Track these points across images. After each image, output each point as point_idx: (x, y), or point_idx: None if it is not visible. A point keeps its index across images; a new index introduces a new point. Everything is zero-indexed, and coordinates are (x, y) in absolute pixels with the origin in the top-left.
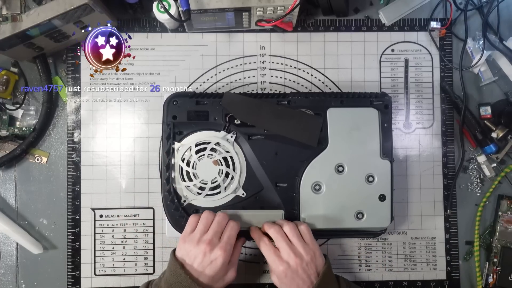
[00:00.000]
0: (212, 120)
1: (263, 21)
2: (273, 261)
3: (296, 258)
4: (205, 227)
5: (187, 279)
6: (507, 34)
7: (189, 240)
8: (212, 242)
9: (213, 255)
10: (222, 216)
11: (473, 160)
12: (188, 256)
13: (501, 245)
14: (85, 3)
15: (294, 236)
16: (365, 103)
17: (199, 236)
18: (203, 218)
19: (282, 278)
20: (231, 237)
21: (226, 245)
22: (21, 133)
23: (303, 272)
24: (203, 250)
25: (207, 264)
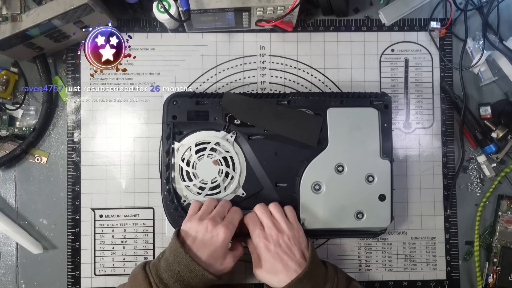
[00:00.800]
0: (212, 120)
1: (263, 21)
2: (256, 234)
3: (277, 232)
4: (209, 209)
5: (186, 257)
6: (507, 34)
7: (192, 219)
8: (215, 219)
9: (215, 231)
10: (226, 201)
11: (473, 160)
12: (189, 233)
13: (501, 245)
14: (85, 3)
15: (278, 213)
16: (365, 103)
17: (201, 214)
18: (207, 202)
19: (263, 253)
20: (234, 219)
21: (228, 223)
22: (21, 133)
23: (285, 246)
24: (205, 225)
25: (208, 239)
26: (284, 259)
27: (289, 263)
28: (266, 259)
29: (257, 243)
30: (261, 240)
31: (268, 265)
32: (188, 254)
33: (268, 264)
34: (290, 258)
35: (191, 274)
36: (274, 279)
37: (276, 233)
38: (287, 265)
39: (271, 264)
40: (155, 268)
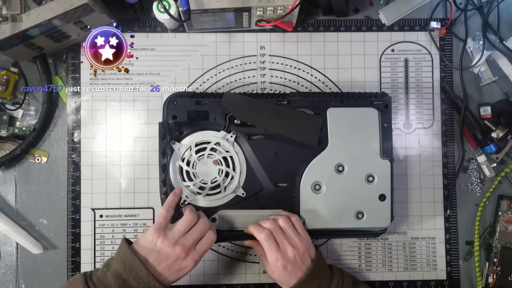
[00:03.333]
0: (212, 120)
1: (263, 21)
2: (274, 256)
3: (293, 250)
4: (185, 229)
5: (148, 276)
6: (507, 34)
7: (165, 237)
8: (189, 250)
9: (184, 263)
10: (204, 224)
11: (473, 160)
12: (158, 254)
13: (501, 245)
14: (85, 3)
15: (289, 228)
16: (365, 103)
17: (177, 237)
18: (186, 220)
19: (281, 271)
20: (206, 249)
21: (199, 256)
22: (21, 133)
23: (300, 262)
24: (177, 254)
25: (175, 270)
26: (297, 272)
27: (298, 272)
28: (281, 276)
29: (274, 264)
30: (279, 262)
31: (281, 278)
32: (150, 273)
33: (281, 277)
34: (301, 270)
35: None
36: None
37: (292, 251)
38: (296, 274)
39: (285, 277)
40: (101, 284)
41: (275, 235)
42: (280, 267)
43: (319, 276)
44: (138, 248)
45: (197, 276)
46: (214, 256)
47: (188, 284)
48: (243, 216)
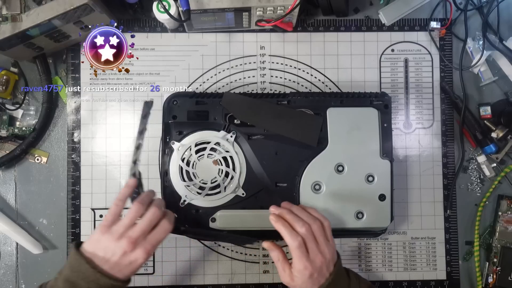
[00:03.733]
0: (212, 120)
1: (263, 21)
2: (304, 265)
3: (322, 258)
4: (132, 221)
5: (95, 274)
6: (507, 34)
7: (109, 234)
8: (136, 242)
9: (134, 256)
10: (153, 214)
11: (473, 160)
12: (104, 251)
13: (501, 245)
14: (85, 3)
15: (321, 236)
16: (365, 103)
17: (122, 230)
18: (131, 212)
19: (305, 280)
20: (159, 240)
21: (151, 247)
22: (21, 133)
23: (326, 270)
24: (123, 248)
25: (125, 264)
26: (320, 281)
27: (321, 280)
28: (305, 282)
29: (301, 271)
30: (307, 270)
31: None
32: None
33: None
34: (324, 278)
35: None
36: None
37: (321, 260)
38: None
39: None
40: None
41: (307, 242)
42: (307, 275)
43: (338, 283)
44: (85, 249)
45: (197, 276)
46: (214, 256)
47: (188, 284)
48: (243, 216)
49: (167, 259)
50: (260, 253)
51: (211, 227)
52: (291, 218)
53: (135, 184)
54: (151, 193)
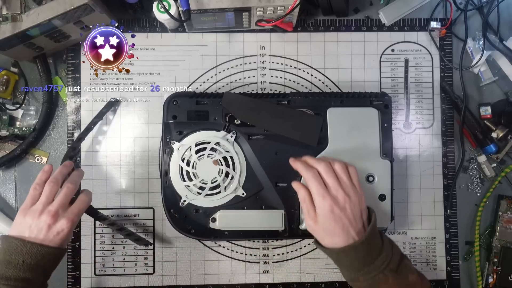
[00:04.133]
0: (212, 120)
1: (263, 21)
2: (321, 194)
3: (345, 196)
4: (49, 199)
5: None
6: (507, 34)
7: (29, 213)
8: (57, 213)
9: (59, 226)
10: (71, 187)
11: (473, 160)
12: (29, 230)
13: (501, 245)
14: (85, 3)
15: (344, 175)
16: (365, 103)
17: (41, 207)
18: (47, 190)
19: (327, 215)
20: (81, 210)
21: (74, 216)
22: (21, 133)
23: (350, 212)
24: (46, 221)
25: (54, 235)
26: (345, 224)
27: (349, 229)
28: (327, 220)
29: (320, 203)
30: (327, 201)
31: (327, 225)
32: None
33: (327, 224)
34: (352, 226)
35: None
36: (328, 239)
37: (343, 197)
38: (347, 231)
39: (331, 226)
40: None
41: (326, 176)
42: (327, 208)
43: (370, 243)
44: (11, 234)
45: (197, 276)
46: (214, 256)
47: (188, 284)
48: (243, 216)
49: (167, 259)
50: (260, 253)
51: (210, 227)
52: (311, 159)
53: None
54: (64, 168)
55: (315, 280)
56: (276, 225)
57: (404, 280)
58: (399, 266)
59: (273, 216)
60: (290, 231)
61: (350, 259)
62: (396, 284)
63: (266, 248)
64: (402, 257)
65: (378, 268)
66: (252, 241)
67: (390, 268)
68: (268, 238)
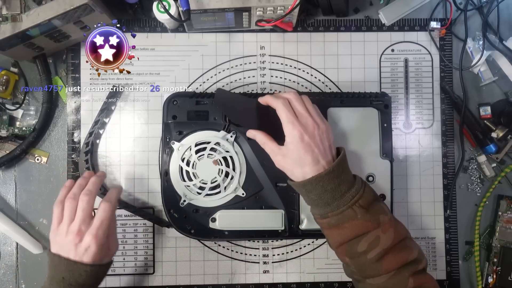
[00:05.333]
0: (212, 120)
1: (263, 21)
2: (291, 121)
3: (314, 123)
4: (71, 216)
5: (65, 263)
6: (507, 34)
7: (58, 234)
8: (80, 231)
9: (85, 244)
10: (85, 200)
11: (473, 160)
12: (62, 249)
13: (501, 245)
14: (85, 3)
15: (311, 105)
16: (365, 103)
17: (66, 228)
18: (67, 207)
19: (297, 143)
20: (104, 221)
21: (97, 230)
22: (21, 133)
23: (319, 140)
24: (72, 241)
25: (82, 253)
26: (315, 152)
27: (319, 157)
28: (296, 149)
29: (290, 131)
30: (296, 128)
31: (296, 154)
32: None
33: (296, 153)
34: (321, 154)
35: (75, 273)
36: (298, 171)
37: (313, 124)
38: (316, 159)
39: (300, 155)
40: None
41: (295, 104)
42: (297, 136)
43: (339, 176)
44: (52, 250)
45: (197, 276)
46: (214, 256)
47: (188, 284)
48: (243, 216)
49: (167, 259)
50: (260, 253)
51: (210, 227)
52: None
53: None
54: (83, 180)
55: (315, 280)
56: (276, 225)
57: (374, 218)
58: (371, 204)
59: (273, 216)
60: (290, 231)
61: (318, 191)
62: (365, 221)
63: (266, 248)
64: (376, 198)
65: (347, 203)
66: (252, 241)
67: (359, 204)
68: (268, 238)
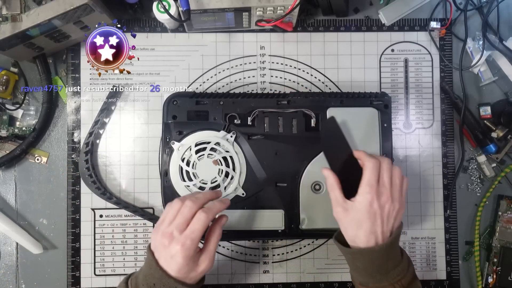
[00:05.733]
0: (212, 120)
1: (263, 21)
2: (370, 184)
3: (390, 197)
4: (170, 219)
5: (158, 271)
6: (507, 34)
7: (156, 232)
8: (171, 235)
9: (172, 250)
10: (189, 205)
11: (473, 160)
12: (155, 248)
13: (501, 245)
14: (85, 3)
15: (399, 180)
16: (365, 103)
17: (163, 228)
18: (172, 208)
19: (365, 205)
20: (195, 231)
21: (186, 239)
22: (21, 133)
23: (387, 214)
24: (162, 243)
25: (169, 258)
26: (377, 222)
27: (377, 229)
28: (361, 211)
29: (365, 192)
30: (371, 192)
31: (358, 215)
32: (158, 267)
33: (359, 215)
34: (382, 227)
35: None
36: (352, 231)
37: (388, 197)
38: (374, 230)
39: (362, 217)
40: (135, 280)
41: (383, 171)
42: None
43: (390, 253)
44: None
45: None
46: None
47: None
48: (243, 216)
49: None
50: (260, 253)
51: None
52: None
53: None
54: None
55: (315, 280)
56: (276, 225)
57: None
58: (410, 284)
59: (273, 216)
60: (290, 231)
61: (365, 263)
62: None
63: (266, 248)
64: (415, 277)
65: (391, 280)
66: (252, 241)
67: (401, 284)
68: (268, 238)
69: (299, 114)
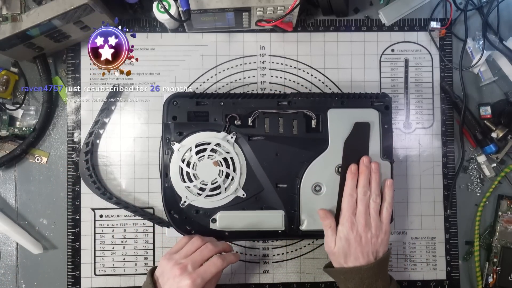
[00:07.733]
0: (212, 121)
1: (263, 21)
2: (346, 219)
3: (365, 227)
4: (188, 252)
5: None
6: (507, 34)
7: (169, 259)
8: (185, 268)
9: (181, 282)
10: (209, 248)
11: (473, 160)
12: (162, 275)
13: (501, 245)
14: (85, 3)
15: (374, 210)
16: (365, 104)
17: (178, 257)
18: (192, 243)
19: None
20: (208, 273)
21: (197, 276)
22: (21, 133)
23: (364, 242)
24: (174, 273)
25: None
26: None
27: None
28: (342, 242)
29: (342, 223)
30: (348, 222)
31: (340, 246)
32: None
33: (340, 246)
34: (367, 249)
35: None
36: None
37: (364, 227)
38: (361, 251)
39: (343, 249)
40: None
41: (359, 203)
42: (347, 227)
43: (378, 274)
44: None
45: None
46: None
47: None
48: (243, 217)
49: None
50: (260, 253)
51: (211, 228)
52: (364, 179)
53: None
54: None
55: (315, 280)
56: (276, 225)
57: None
58: None
59: (273, 217)
60: (290, 231)
61: (356, 282)
62: None
63: (266, 248)
64: None
65: None
66: (252, 241)
67: None
68: (268, 238)
69: (299, 115)
